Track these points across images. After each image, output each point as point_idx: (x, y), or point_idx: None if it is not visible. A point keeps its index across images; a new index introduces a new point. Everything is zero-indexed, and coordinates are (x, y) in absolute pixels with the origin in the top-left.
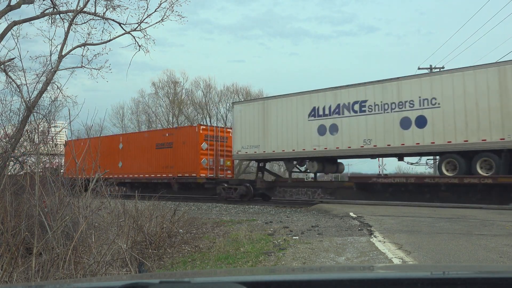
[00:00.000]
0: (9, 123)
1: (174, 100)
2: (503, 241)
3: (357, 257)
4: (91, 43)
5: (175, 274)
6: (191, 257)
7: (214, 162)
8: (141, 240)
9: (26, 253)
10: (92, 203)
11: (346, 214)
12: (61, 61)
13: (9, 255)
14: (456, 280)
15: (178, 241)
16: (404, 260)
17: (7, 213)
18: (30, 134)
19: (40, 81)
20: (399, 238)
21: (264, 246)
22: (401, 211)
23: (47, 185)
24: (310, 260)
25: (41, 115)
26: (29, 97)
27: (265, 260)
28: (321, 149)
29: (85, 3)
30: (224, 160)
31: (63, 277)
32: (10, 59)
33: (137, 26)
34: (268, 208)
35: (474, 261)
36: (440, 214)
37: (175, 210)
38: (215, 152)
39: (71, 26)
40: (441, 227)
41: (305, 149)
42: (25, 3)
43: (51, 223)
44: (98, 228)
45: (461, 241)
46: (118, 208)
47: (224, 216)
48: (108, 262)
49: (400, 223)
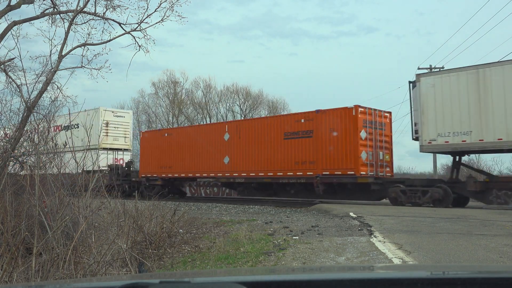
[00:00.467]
0: (9, 123)
1: (174, 100)
2: (503, 241)
3: (357, 257)
4: (91, 43)
5: (175, 274)
6: (191, 257)
7: (374, 156)
8: (141, 240)
9: (26, 253)
10: (92, 203)
11: (346, 214)
12: (61, 61)
13: (9, 255)
14: (456, 280)
15: (178, 241)
16: (404, 260)
17: (7, 213)
18: (30, 134)
19: (40, 81)
20: (399, 238)
21: (264, 246)
22: (401, 211)
23: (47, 185)
24: (310, 260)
25: (41, 115)
26: (29, 97)
27: (265, 260)
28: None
29: (85, 3)
30: (383, 153)
31: (63, 277)
32: (10, 59)
33: (137, 26)
34: (268, 208)
35: (474, 261)
36: (440, 214)
37: (175, 210)
38: (374, 143)
39: (71, 26)
40: (441, 227)
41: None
42: (25, 3)
43: (51, 223)
44: (98, 228)
45: (461, 241)
46: (118, 208)
47: (224, 216)
48: (108, 262)
49: (400, 223)
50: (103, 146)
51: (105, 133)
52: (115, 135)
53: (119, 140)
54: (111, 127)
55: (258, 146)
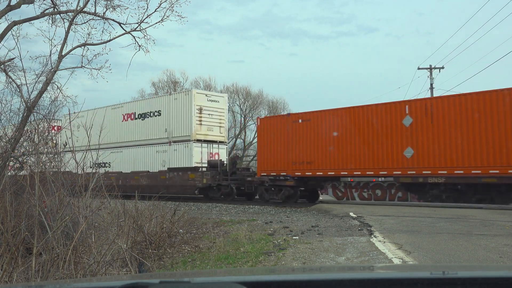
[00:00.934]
0: (9, 123)
1: None
2: (503, 241)
3: (357, 257)
4: (91, 43)
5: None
6: (191, 257)
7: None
8: (141, 240)
9: (26, 253)
10: (92, 203)
11: (346, 214)
12: (61, 61)
13: (9, 255)
14: (456, 280)
15: (178, 241)
16: (404, 260)
17: (7, 213)
18: (30, 134)
19: (40, 81)
20: (399, 238)
21: (264, 246)
22: (401, 211)
23: (47, 185)
24: (310, 260)
25: (41, 115)
26: (29, 97)
27: (265, 260)
28: None
29: (85, 3)
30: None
31: (63, 277)
32: (10, 59)
33: (137, 26)
34: (268, 208)
35: (474, 261)
36: (440, 214)
37: (175, 210)
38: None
39: (71, 26)
40: (441, 227)
41: None
42: (25, 3)
43: (51, 223)
44: (98, 228)
45: (461, 241)
46: (118, 208)
47: (224, 216)
48: (108, 262)
49: (400, 223)
50: (197, 138)
51: (198, 122)
52: (209, 123)
53: (213, 130)
54: (205, 114)
55: (472, 131)
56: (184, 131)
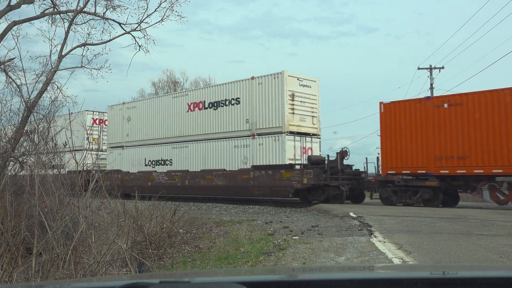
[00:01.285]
0: (9, 123)
1: None
2: (503, 241)
3: (357, 257)
4: (91, 43)
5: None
6: (191, 257)
7: None
8: (141, 240)
9: (26, 253)
10: (92, 203)
11: (346, 214)
12: (61, 61)
13: (9, 255)
14: (456, 280)
15: (178, 241)
16: (404, 260)
17: (7, 213)
18: (30, 134)
19: (40, 81)
20: (399, 238)
21: (264, 246)
22: (401, 211)
23: (47, 185)
24: (310, 260)
25: (41, 115)
26: (29, 97)
27: (265, 260)
28: None
29: (85, 3)
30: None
31: (63, 277)
32: (10, 59)
33: (137, 26)
34: (268, 208)
35: (474, 261)
36: (440, 214)
37: (175, 210)
38: None
39: (71, 26)
40: (441, 227)
41: None
42: (25, 3)
43: (51, 223)
44: (98, 228)
45: (461, 241)
46: (118, 208)
47: (224, 216)
48: (108, 262)
49: (400, 223)
50: (289, 129)
51: (291, 110)
52: (302, 113)
53: (306, 121)
54: (297, 101)
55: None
56: (272, 122)
